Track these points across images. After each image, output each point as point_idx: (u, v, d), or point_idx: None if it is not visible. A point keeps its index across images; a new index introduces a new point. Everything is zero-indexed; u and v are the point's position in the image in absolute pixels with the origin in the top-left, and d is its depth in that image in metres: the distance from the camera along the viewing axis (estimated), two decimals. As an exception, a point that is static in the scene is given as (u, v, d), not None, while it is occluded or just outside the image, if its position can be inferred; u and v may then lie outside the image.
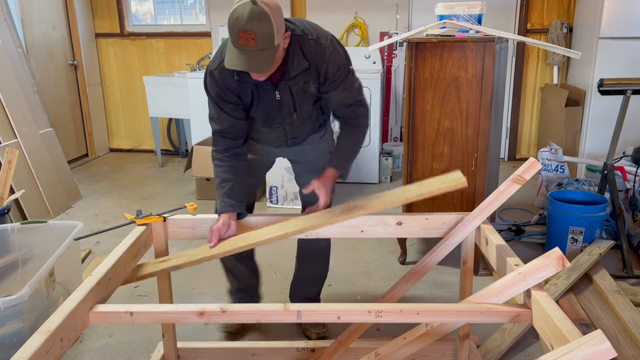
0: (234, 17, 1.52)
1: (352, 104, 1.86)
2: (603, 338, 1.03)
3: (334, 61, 1.76)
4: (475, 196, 2.70)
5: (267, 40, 1.53)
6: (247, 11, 1.49)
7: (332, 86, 1.79)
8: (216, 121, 1.85)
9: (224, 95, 1.78)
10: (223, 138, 1.86)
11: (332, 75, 1.77)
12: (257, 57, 1.55)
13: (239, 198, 1.85)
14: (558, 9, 4.78)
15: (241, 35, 1.51)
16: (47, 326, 1.22)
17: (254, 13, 1.49)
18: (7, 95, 3.65)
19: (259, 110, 1.84)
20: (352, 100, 1.85)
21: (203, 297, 2.63)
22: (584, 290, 2.49)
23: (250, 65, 1.56)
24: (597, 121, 4.12)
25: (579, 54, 2.59)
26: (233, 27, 1.53)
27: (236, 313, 1.40)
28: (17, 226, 2.40)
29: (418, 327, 1.61)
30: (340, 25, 5.05)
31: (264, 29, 1.51)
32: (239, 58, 1.55)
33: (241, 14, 1.50)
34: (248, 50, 1.53)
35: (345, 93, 1.83)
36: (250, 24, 1.50)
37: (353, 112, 1.88)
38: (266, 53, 1.55)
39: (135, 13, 5.46)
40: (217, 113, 1.83)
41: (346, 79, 1.80)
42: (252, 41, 1.52)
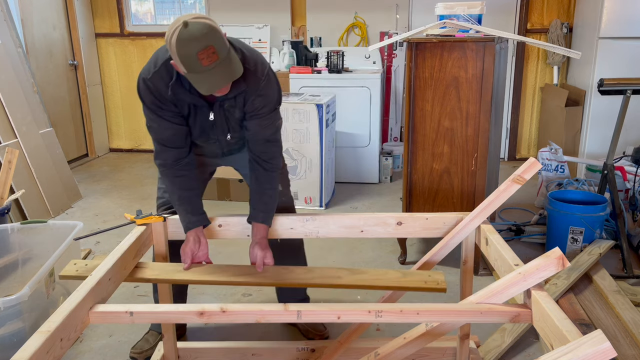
0: (182, 45, 1.44)
1: (267, 141, 1.80)
2: (603, 338, 1.03)
3: (265, 95, 1.72)
4: (475, 196, 2.70)
5: (224, 45, 1.49)
6: (189, 33, 1.43)
7: (253, 117, 1.75)
8: (156, 130, 1.75)
9: (160, 104, 1.69)
10: (167, 149, 1.76)
11: (258, 109, 1.73)
12: (227, 66, 1.50)
13: (200, 210, 1.82)
14: (558, 9, 4.78)
15: (202, 57, 1.45)
16: (47, 326, 1.22)
17: (197, 30, 1.43)
18: (7, 95, 3.65)
19: (195, 126, 1.77)
20: (265, 137, 1.79)
21: (203, 297, 2.63)
22: (584, 290, 2.49)
23: (226, 76, 1.51)
24: (597, 121, 4.12)
25: (579, 54, 2.59)
26: (189, 55, 1.45)
27: (236, 313, 1.40)
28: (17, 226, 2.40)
29: (418, 327, 1.61)
30: (340, 25, 5.05)
31: (215, 36, 1.46)
32: (213, 78, 1.49)
33: (188, 39, 1.43)
34: (216, 65, 1.47)
35: (261, 128, 1.77)
36: (202, 42, 1.44)
37: (266, 150, 1.81)
38: (231, 57, 1.51)
39: (135, 13, 5.46)
40: (156, 121, 1.72)
41: (269, 115, 1.76)
42: (214, 55, 1.46)
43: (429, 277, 1.68)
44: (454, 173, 2.71)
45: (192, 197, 1.81)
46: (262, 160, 1.82)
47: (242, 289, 2.69)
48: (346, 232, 1.88)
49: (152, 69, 1.68)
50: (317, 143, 3.75)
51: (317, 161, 3.79)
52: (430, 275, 1.68)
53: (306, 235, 1.87)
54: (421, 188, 2.77)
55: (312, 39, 5.05)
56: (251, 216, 1.84)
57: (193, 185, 1.83)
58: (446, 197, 2.75)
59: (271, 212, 1.84)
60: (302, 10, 5.10)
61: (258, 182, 1.84)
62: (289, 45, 4.78)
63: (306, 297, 2.35)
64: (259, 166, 1.82)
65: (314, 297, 2.58)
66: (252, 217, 1.84)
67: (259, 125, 1.76)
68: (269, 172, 1.83)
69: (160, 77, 1.65)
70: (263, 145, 1.80)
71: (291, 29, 5.12)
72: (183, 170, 1.80)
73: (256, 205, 1.83)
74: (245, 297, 2.63)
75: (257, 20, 5.03)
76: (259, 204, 1.83)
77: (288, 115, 3.73)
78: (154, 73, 1.67)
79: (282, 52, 4.83)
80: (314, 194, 3.86)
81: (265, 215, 1.83)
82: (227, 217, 1.89)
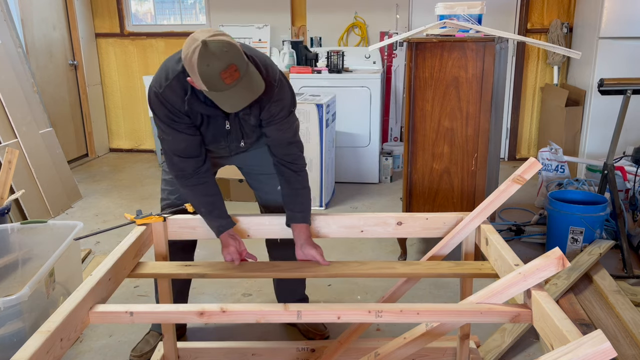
0: (203, 65, 1.44)
1: (289, 144, 1.82)
2: (603, 338, 1.03)
3: (279, 101, 1.73)
4: (475, 196, 2.70)
5: (244, 62, 1.48)
6: (213, 52, 1.43)
7: (270, 124, 1.76)
8: (170, 143, 1.74)
9: (174, 117, 1.68)
10: (184, 159, 1.75)
11: (275, 114, 1.74)
12: (250, 82, 1.50)
13: (226, 212, 1.83)
14: (558, 9, 4.78)
15: (225, 76, 1.45)
16: (47, 326, 1.22)
17: (218, 49, 1.43)
18: (7, 95, 3.64)
19: (208, 135, 1.78)
20: (287, 141, 1.81)
21: (203, 297, 2.63)
22: (584, 290, 2.49)
23: (249, 94, 1.51)
24: (597, 121, 4.12)
25: (579, 54, 2.59)
26: (212, 75, 1.45)
27: (236, 313, 1.40)
28: (17, 226, 2.40)
29: (418, 327, 1.61)
30: (340, 25, 5.05)
31: (236, 54, 1.46)
32: (238, 95, 1.50)
33: (209, 60, 1.43)
34: (238, 82, 1.47)
35: (281, 133, 1.79)
36: (224, 60, 1.44)
37: (289, 152, 1.82)
38: (251, 72, 1.51)
39: (135, 13, 5.46)
40: (170, 134, 1.71)
41: (286, 119, 1.77)
42: (236, 73, 1.46)
43: (482, 265, 1.71)
44: (454, 173, 2.71)
45: (216, 201, 1.81)
46: (286, 162, 1.83)
47: (242, 289, 2.69)
48: (346, 232, 1.88)
49: (164, 83, 1.66)
50: (317, 143, 3.75)
51: (317, 161, 3.79)
52: (482, 264, 1.72)
53: None
54: (421, 188, 2.77)
55: (312, 39, 5.05)
56: (289, 218, 1.83)
57: (215, 190, 1.83)
58: (446, 197, 2.75)
59: (308, 211, 1.85)
60: (302, 10, 5.10)
61: (289, 184, 1.84)
62: (289, 45, 4.78)
63: (305, 297, 2.35)
64: (285, 169, 1.83)
65: (314, 297, 2.58)
66: (290, 219, 1.83)
67: (278, 130, 1.78)
68: (297, 173, 1.84)
69: (172, 91, 1.64)
70: (285, 148, 1.82)
71: (291, 29, 5.12)
72: (203, 178, 1.79)
73: (292, 207, 1.83)
74: (245, 297, 2.63)
75: (257, 20, 5.03)
76: (294, 205, 1.83)
77: (288, 115, 3.73)
78: (166, 87, 1.65)
79: (282, 52, 4.83)
80: (314, 194, 3.85)
81: (304, 215, 1.83)
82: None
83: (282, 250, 2.08)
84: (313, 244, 1.81)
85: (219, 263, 1.80)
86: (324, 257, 1.78)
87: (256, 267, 1.77)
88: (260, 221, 1.90)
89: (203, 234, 1.87)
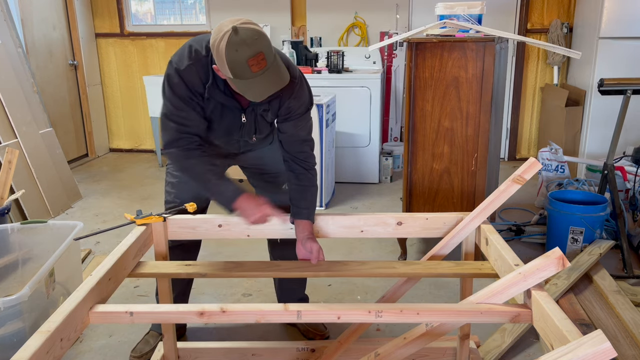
0: (232, 51, 1.45)
1: (303, 141, 1.83)
2: (603, 338, 1.03)
3: (299, 98, 1.74)
4: (475, 196, 2.70)
5: (271, 51, 1.49)
6: (243, 39, 1.44)
7: (287, 119, 1.78)
8: (179, 121, 1.69)
9: (192, 96, 1.67)
10: (190, 135, 1.72)
11: (293, 110, 1.75)
12: (276, 72, 1.51)
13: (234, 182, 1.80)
14: (558, 9, 4.78)
15: (252, 64, 1.45)
16: (47, 326, 1.21)
17: (248, 36, 1.45)
18: (7, 95, 3.64)
19: (221, 126, 1.79)
20: (301, 138, 1.83)
21: (203, 297, 2.63)
22: (584, 290, 2.49)
23: (275, 84, 1.52)
24: (597, 121, 4.12)
25: (579, 54, 2.59)
26: (239, 61, 1.45)
27: (236, 313, 1.40)
28: (17, 226, 2.40)
29: (418, 327, 1.61)
30: (340, 25, 5.05)
31: (264, 43, 1.47)
32: (263, 84, 1.50)
33: (239, 46, 1.44)
34: (264, 71, 1.48)
35: (297, 130, 1.80)
36: (253, 48, 1.45)
37: (302, 150, 1.84)
38: (278, 63, 1.52)
39: (135, 13, 5.46)
40: (182, 112, 1.68)
41: (303, 116, 1.79)
42: (263, 61, 1.46)
43: (482, 265, 1.71)
44: (454, 173, 2.71)
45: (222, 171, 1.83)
46: (299, 159, 1.84)
47: (242, 289, 2.69)
48: (346, 232, 1.88)
49: (187, 62, 1.64)
50: (317, 143, 3.75)
51: (317, 161, 3.78)
52: (482, 264, 1.72)
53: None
54: (421, 188, 2.77)
55: (312, 39, 5.05)
56: (295, 214, 1.83)
57: (217, 162, 1.84)
58: (446, 197, 2.75)
59: (313, 209, 1.85)
60: (302, 10, 5.10)
61: (298, 180, 1.85)
62: (289, 45, 4.78)
63: (305, 296, 2.35)
64: (297, 166, 1.84)
65: (314, 297, 2.58)
66: (295, 214, 1.83)
67: (294, 126, 1.79)
68: (308, 171, 1.86)
69: (195, 73, 1.63)
70: (299, 145, 1.83)
71: (291, 29, 5.12)
72: (205, 154, 1.77)
73: (298, 202, 1.83)
74: (245, 297, 2.63)
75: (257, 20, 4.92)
76: (301, 201, 1.83)
77: (288, 115, 3.73)
78: (188, 66, 1.63)
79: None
80: (314, 194, 3.85)
81: (309, 212, 1.83)
82: (227, 217, 1.89)
83: (283, 250, 2.08)
84: (314, 239, 1.81)
85: (219, 263, 1.80)
86: (319, 256, 1.76)
87: (256, 267, 1.77)
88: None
89: (203, 234, 1.87)
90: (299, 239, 1.81)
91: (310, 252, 1.77)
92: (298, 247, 1.81)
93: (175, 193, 2.00)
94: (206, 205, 2.08)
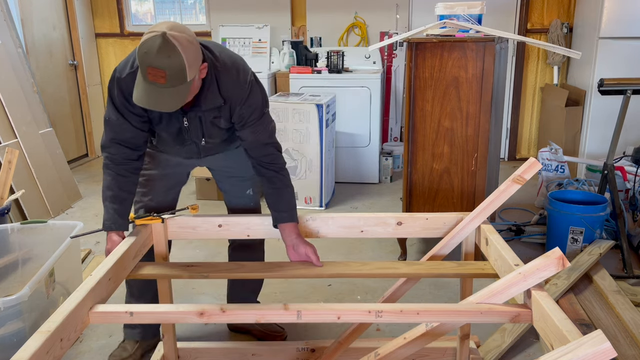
0: (142, 50, 1.43)
1: (265, 145, 1.78)
2: (603, 338, 1.03)
3: (249, 103, 1.69)
4: (475, 196, 2.70)
5: (178, 77, 1.44)
6: (156, 46, 1.40)
7: (244, 127, 1.73)
8: (116, 129, 1.70)
9: (130, 106, 1.65)
10: (120, 146, 1.72)
11: (246, 117, 1.71)
12: (167, 95, 1.46)
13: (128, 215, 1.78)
14: (558, 9, 4.78)
15: (150, 72, 1.42)
16: (47, 326, 1.21)
17: (162, 49, 1.40)
18: (7, 95, 3.64)
19: (167, 131, 1.75)
20: (262, 142, 1.78)
21: (203, 297, 2.63)
22: (584, 290, 2.49)
23: (159, 104, 1.47)
24: (597, 121, 4.12)
25: (579, 54, 2.59)
26: (142, 62, 1.43)
27: (236, 313, 1.40)
28: (17, 226, 2.40)
29: (418, 327, 1.61)
30: (340, 25, 5.05)
31: (174, 66, 1.42)
32: (148, 94, 1.46)
33: (150, 49, 1.41)
34: (158, 86, 1.44)
35: (256, 135, 1.75)
36: (159, 61, 1.41)
37: (267, 154, 1.79)
38: (177, 90, 1.47)
39: (135, 13, 5.46)
40: (118, 121, 1.68)
41: (259, 121, 1.74)
42: (161, 78, 1.42)
43: (484, 265, 1.71)
44: (454, 173, 2.71)
45: (127, 199, 1.77)
46: (265, 163, 1.80)
47: (242, 289, 2.69)
48: (346, 232, 1.88)
49: (128, 69, 1.63)
50: (317, 143, 3.75)
51: (317, 161, 3.79)
52: (485, 264, 1.71)
53: (306, 235, 1.87)
54: (421, 188, 2.77)
55: (312, 39, 5.05)
56: (276, 219, 1.80)
57: (132, 190, 1.79)
58: (446, 197, 2.75)
59: (294, 209, 1.82)
60: (302, 10, 5.10)
61: (271, 184, 1.81)
62: (289, 45, 4.78)
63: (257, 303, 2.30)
64: (266, 170, 1.80)
65: (314, 297, 2.58)
66: (276, 219, 1.80)
67: (252, 133, 1.75)
68: (278, 172, 1.81)
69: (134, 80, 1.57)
70: (262, 149, 1.78)
71: (291, 29, 5.12)
72: (129, 172, 1.75)
73: (277, 207, 1.80)
74: (245, 297, 2.63)
75: (257, 20, 5.02)
76: (279, 204, 1.80)
77: (288, 115, 3.73)
78: (128, 74, 1.62)
79: (282, 52, 4.83)
80: (314, 194, 3.85)
81: (291, 214, 1.80)
82: (227, 217, 1.89)
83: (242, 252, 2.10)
84: (305, 242, 1.78)
85: (220, 264, 1.80)
86: (318, 257, 1.75)
87: (258, 268, 1.77)
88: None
89: (203, 233, 1.87)
90: (287, 244, 1.79)
91: (307, 256, 1.75)
92: (289, 252, 1.79)
93: (143, 192, 1.96)
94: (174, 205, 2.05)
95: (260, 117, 1.74)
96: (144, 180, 1.94)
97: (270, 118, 1.81)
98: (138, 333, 2.12)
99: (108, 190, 1.76)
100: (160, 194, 1.97)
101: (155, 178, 1.96)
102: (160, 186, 1.97)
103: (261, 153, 1.78)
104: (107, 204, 1.76)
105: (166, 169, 1.96)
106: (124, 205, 1.76)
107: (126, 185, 1.76)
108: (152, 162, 1.95)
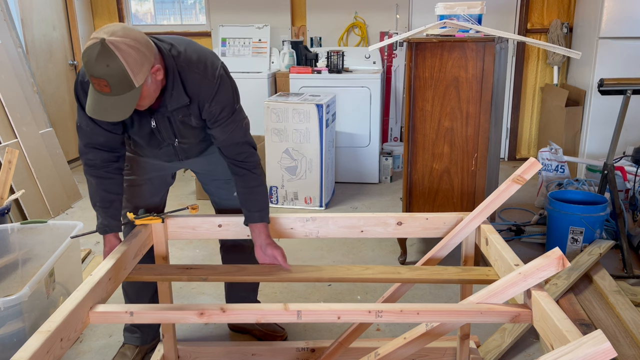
0: (84, 59, 1.36)
1: (237, 144, 1.73)
2: (603, 338, 1.03)
3: (218, 99, 1.63)
4: (475, 196, 2.70)
5: (122, 85, 1.38)
6: (95, 55, 1.34)
7: (215, 125, 1.67)
8: (88, 134, 1.67)
9: None
10: (97, 150, 1.69)
11: (216, 115, 1.65)
12: (115, 103, 1.40)
13: (119, 216, 1.78)
14: (558, 9, 4.78)
15: (94, 82, 1.37)
16: (47, 326, 1.21)
17: (100, 57, 1.33)
18: (7, 95, 3.64)
19: (139, 134, 1.71)
20: (236, 141, 1.72)
21: (203, 297, 2.63)
22: (584, 290, 2.49)
23: (108, 113, 1.42)
24: (597, 121, 4.12)
25: (579, 54, 2.59)
26: (86, 71, 1.37)
27: (236, 313, 1.40)
28: (17, 226, 2.40)
29: (418, 327, 1.61)
30: (340, 25, 5.05)
31: (115, 74, 1.35)
32: (97, 103, 1.41)
33: (90, 58, 1.35)
34: (106, 95, 1.39)
35: (228, 134, 1.70)
36: (98, 70, 1.34)
37: (240, 152, 1.73)
38: (126, 97, 1.40)
39: (135, 13, 5.46)
40: (88, 126, 1.65)
41: (230, 118, 1.67)
42: (105, 87, 1.37)
43: (489, 271, 1.69)
44: (454, 173, 2.71)
45: (115, 201, 1.74)
46: (239, 161, 1.75)
47: (242, 289, 2.69)
48: (346, 232, 1.88)
49: None
50: (317, 143, 3.75)
51: (317, 161, 3.79)
52: (489, 270, 1.70)
53: (306, 235, 1.87)
54: (421, 188, 2.77)
55: (312, 39, 5.05)
56: (247, 218, 1.78)
57: (119, 190, 1.76)
58: (446, 197, 2.75)
59: (266, 209, 1.79)
60: (302, 10, 5.10)
61: (244, 182, 1.77)
62: (289, 45, 4.78)
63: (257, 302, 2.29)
64: (239, 168, 1.75)
65: (314, 297, 2.58)
66: (248, 219, 1.78)
67: (223, 131, 1.69)
68: (251, 171, 1.76)
69: None
70: (235, 148, 1.73)
71: (291, 29, 5.12)
72: (112, 174, 1.73)
73: (248, 206, 1.77)
74: (245, 297, 2.63)
75: (257, 20, 5.03)
76: (251, 204, 1.77)
77: (288, 115, 3.73)
78: None
79: (282, 52, 4.83)
80: (314, 194, 3.86)
81: (262, 214, 1.77)
82: (227, 217, 1.89)
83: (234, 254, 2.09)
84: (274, 244, 1.76)
85: (219, 266, 1.80)
86: (286, 259, 1.74)
87: (258, 271, 1.76)
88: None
89: (203, 234, 1.87)
90: (257, 244, 1.78)
91: (275, 258, 1.74)
92: (257, 252, 1.78)
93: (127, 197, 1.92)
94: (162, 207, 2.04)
95: (232, 114, 1.68)
96: (127, 187, 1.90)
97: (244, 114, 1.75)
98: (138, 338, 2.11)
99: (95, 194, 1.74)
100: (146, 198, 1.95)
101: (138, 183, 1.93)
102: (144, 190, 1.94)
103: (235, 151, 1.73)
104: (97, 208, 1.75)
105: (149, 173, 1.93)
106: (113, 206, 1.75)
107: (112, 187, 1.74)
108: (133, 168, 1.91)
